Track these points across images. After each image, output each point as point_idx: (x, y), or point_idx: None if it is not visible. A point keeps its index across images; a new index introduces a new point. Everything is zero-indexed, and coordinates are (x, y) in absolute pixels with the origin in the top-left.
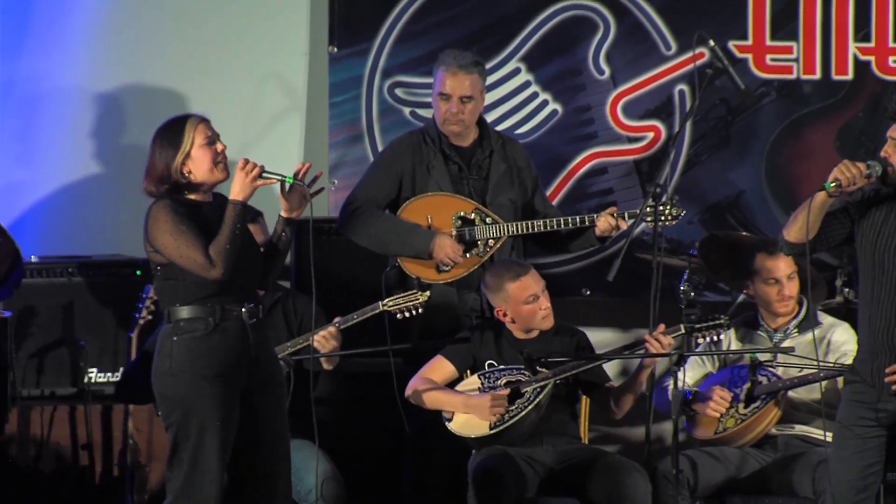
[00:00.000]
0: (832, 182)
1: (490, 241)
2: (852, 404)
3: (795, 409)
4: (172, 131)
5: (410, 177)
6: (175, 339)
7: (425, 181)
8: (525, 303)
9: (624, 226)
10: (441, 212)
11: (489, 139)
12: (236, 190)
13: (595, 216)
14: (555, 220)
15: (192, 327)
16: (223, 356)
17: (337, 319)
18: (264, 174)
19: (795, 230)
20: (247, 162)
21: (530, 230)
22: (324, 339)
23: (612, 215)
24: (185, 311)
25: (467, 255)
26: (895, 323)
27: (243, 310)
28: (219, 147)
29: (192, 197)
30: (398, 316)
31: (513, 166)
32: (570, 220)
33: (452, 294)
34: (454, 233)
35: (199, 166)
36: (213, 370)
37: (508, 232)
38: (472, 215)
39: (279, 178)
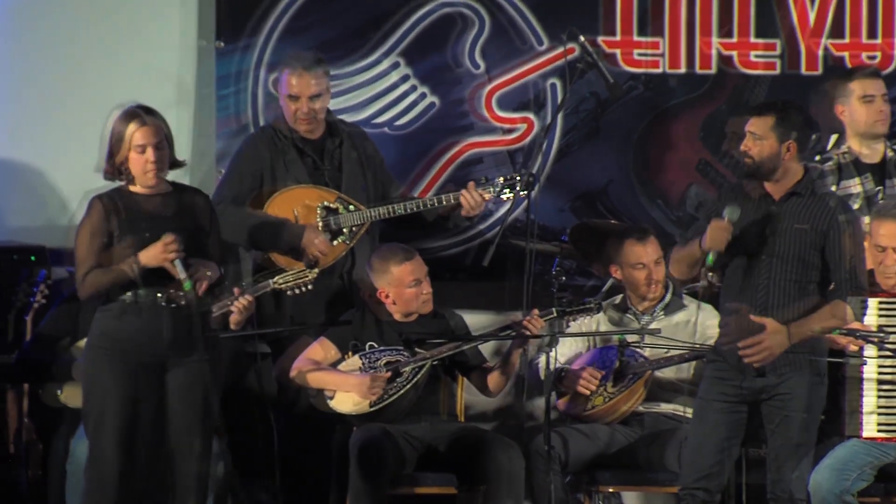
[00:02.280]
0: (712, 256)
1: (354, 227)
2: (713, 381)
3: (662, 389)
4: (122, 126)
5: (270, 173)
6: (97, 315)
7: (284, 176)
8: (408, 286)
9: (488, 196)
10: (305, 203)
11: (337, 130)
12: (148, 255)
13: (454, 195)
14: (416, 202)
15: (109, 306)
16: (131, 336)
17: (236, 290)
18: (176, 262)
19: (679, 271)
20: (175, 241)
21: (393, 214)
22: (247, 302)
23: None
24: (111, 292)
25: (334, 243)
26: (756, 310)
27: (159, 294)
28: (148, 156)
29: (133, 189)
30: (288, 293)
31: (362, 154)
32: (428, 201)
33: (319, 281)
34: (320, 223)
35: (133, 167)
36: (118, 349)
37: (372, 217)
38: (336, 204)
39: (182, 278)
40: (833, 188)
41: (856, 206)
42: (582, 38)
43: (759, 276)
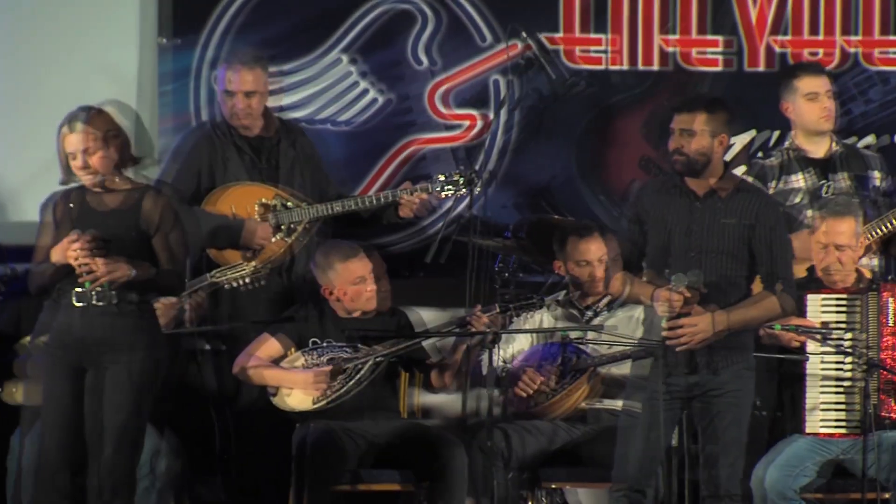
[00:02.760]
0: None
1: (307, 224)
2: (662, 377)
3: (606, 385)
4: (60, 131)
5: (208, 170)
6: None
7: (222, 174)
8: (365, 284)
9: (424, 197)
10: (252, 201)
11: (275, 127)
12: (56, 251)
13: (399, 193)
14: (370, 198)
15: (51, 303)
16: (54, 331)
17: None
18: (81, 260)
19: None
20: (78, 240)
21: (346, 209)
22: (200, 298)
23: (413, 194)
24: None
25: (288, 240)
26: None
27: (77, 290)
28: (78, 162)
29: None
30: (226, 286)
31: (300, 152)
32: (377, 197)
33: (272, 279)
34: (270, 219)
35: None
36: (49, 343)
37: (320, 213)
38: (290, 202)
39: (85, 279)
40: (774, 183)
41: (797, 201)
42: (526, 35)
43: (706, 272)
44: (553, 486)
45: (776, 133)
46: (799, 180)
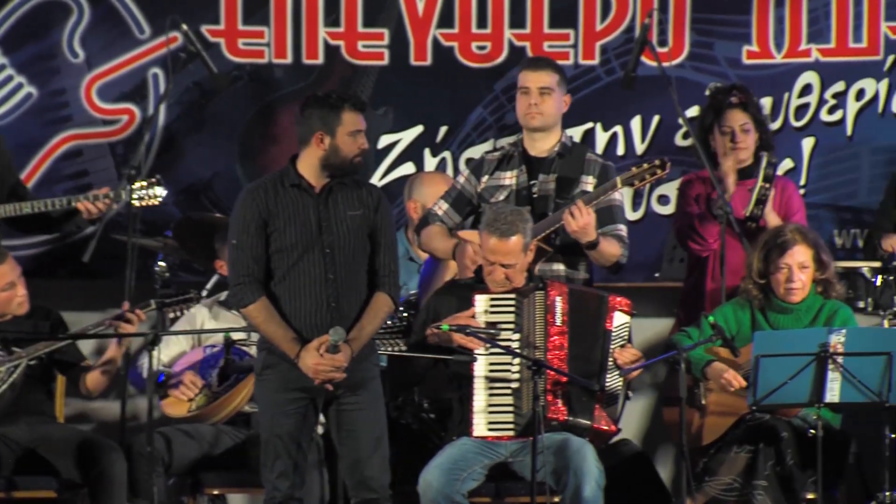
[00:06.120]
0: None
1: None
2: (283, 379)
3: None
4: None
5: None
6: None
7: None
8: (16, 289)
9: (103, 207)
10: None
11: None
12: None
13: (75, 199)
14: (56, 200)
15: None
16: None
17: None
18: None
19: None
20: None
21: (31, 211)
22: None
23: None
24: None
25: None
26: (329, 306)
27: None
28: None
29: None
30: None
31: None
32: (69, 200)
33: None
34: None
35: None
36: None
37: (8, 214)
38: None
39: None
40: (486, 178)
41: (501, 198)
42: (184, 27)
43: (339, 267)
44: (215, 492)
45: (444, 129)
46: (511, 177)
